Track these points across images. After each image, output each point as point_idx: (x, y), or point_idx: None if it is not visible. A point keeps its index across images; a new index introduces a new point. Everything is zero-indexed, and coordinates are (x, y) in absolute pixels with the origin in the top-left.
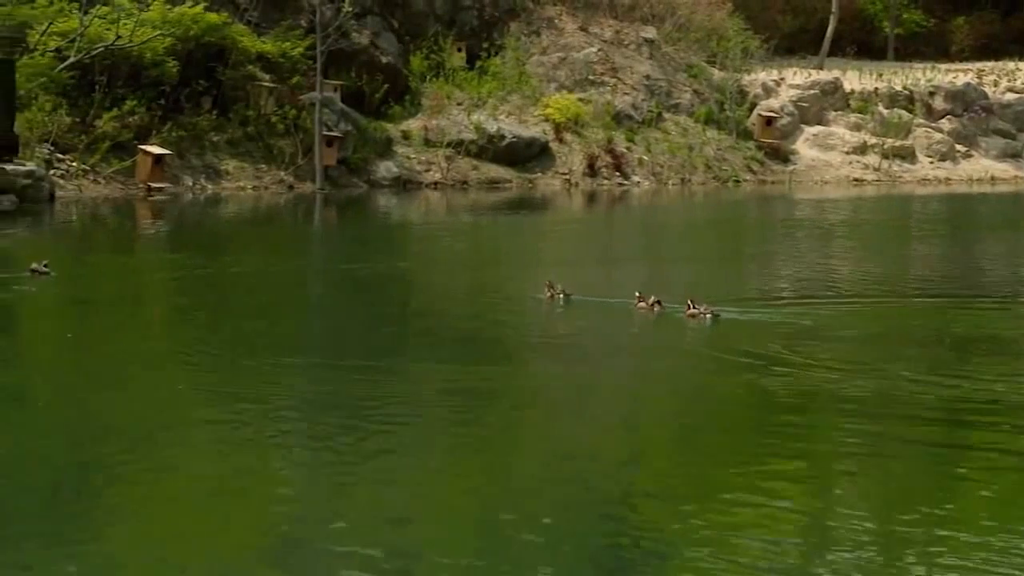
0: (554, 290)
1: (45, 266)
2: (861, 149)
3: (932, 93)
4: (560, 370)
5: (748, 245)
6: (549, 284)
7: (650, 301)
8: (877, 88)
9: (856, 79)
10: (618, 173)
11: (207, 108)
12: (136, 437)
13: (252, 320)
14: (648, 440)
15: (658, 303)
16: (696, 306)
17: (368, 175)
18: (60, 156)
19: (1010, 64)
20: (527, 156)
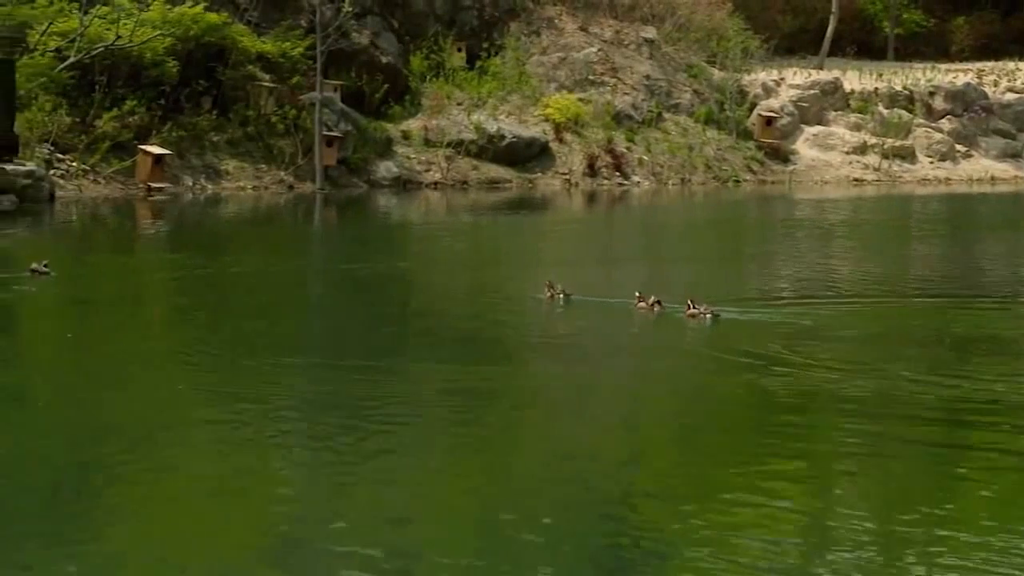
0: (554, 290)
1: (45, 266)
2: (861, 149)
3: (932, 93)
4: (560, 370)
5: (748, 245)
6: (549, 284)
7: (650, 301)
8: (877, 88)
9: (856, 79)
10: (618, 173)
11: (207, 108)
12: (136, 437)
13: (252, 320)
14: (648, 440)
15: (658, 303)
16: (696, 306)
17: (368, 175)
18: (60, 156)
19: (1010, 64)
20: (527, 156)
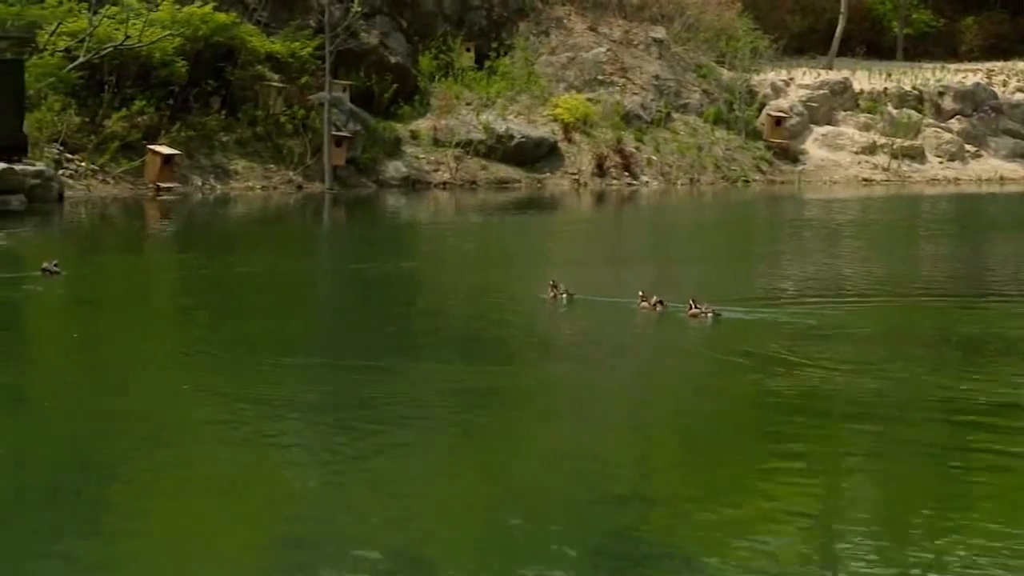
0: (557, 290)
1: (55, 266)
2: (870, 149)
3: (941, 93)
4: (560, 370)
5: (755, 245)
6: (553, 284)
7: (652, 301)
8: (886, 88)
9: (865, 79)
10: (627, 173)
11: (216, 108)
12: (140, 437)
13: (259, 320)
14: (649, 440)
15: (660, 303)
16: (698, 306)
17: (377, 175)
18: (69, 156)
19: (1020, 64)
20: (536, 156)
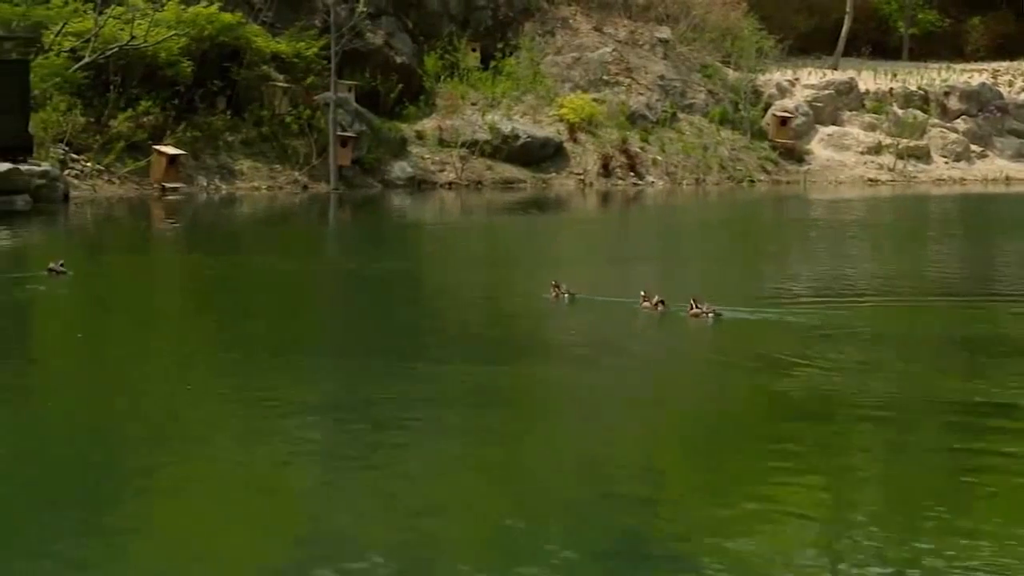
0: (559, 290)
1: (62, 265)
2: (876, 149)
3: (947, 93)
4: (560, 370)
5: (760, 245)
6: (555, 284)
7: (654, 301)
8: (892, 88)
9: (871, 79)
10: (632, 173)
11: (221, 108)
12: (141, 437)
13: (264, 320)
14: (650, 440)
15: (662, 303)
16: (698, 305)
17: (382, 175)
18: (75, 156)
19: None
20: (541, 156)
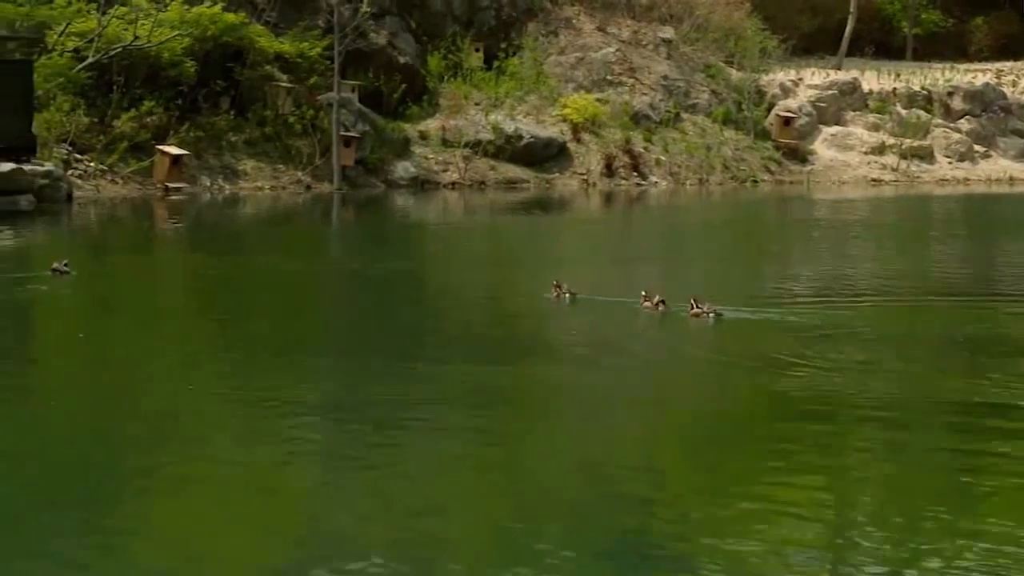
0: (560, 290)
1: (65, 265)
2: (879, 149)
3: (950, 93)
4: (560, 371)
5: (762, 245)
6: (556, 284)
7: (655, 300)
8: (895, 88)
9: (874, 79)
10: (636, 173)
11: (225, 108)
12: (143, 437)
13: (267, 320)
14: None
15: (662, 302)
16: (699, 305)
17: (386, 175)
18: (78, 156)
19: None
20: (545, 156)
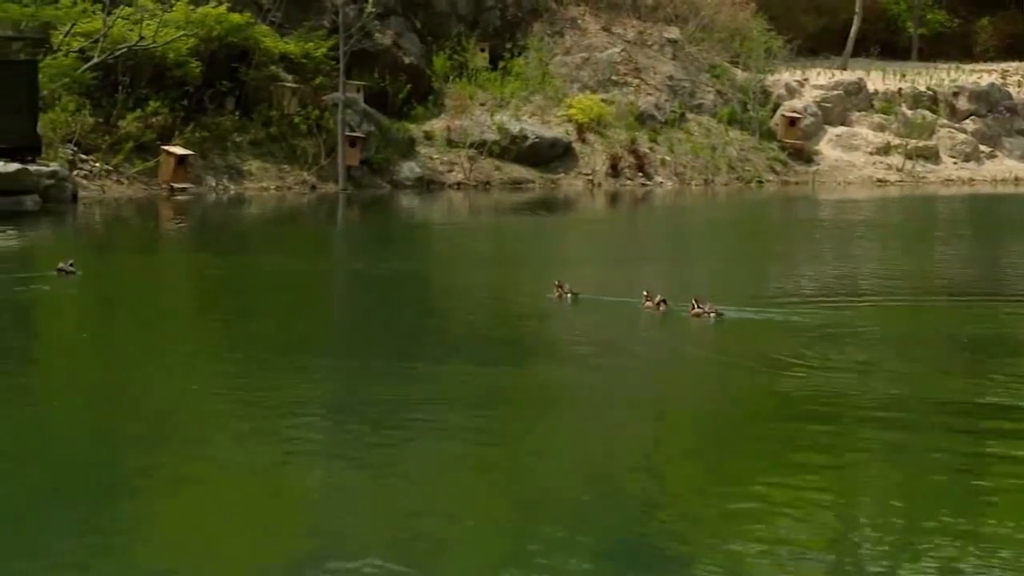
0: (562, 290)
1: (71, 265)
2: (885, 150)
3: (956, 93)
4: (560, 371)
5: (767, 246)
6: (558, 284)
7: (656, 300)
8: (901, 88)
9: (880, 79)
10: (641, 174)
11: (230, 109)
12: (146, 437)
13: (272, 320)
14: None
15: (664, 302)
16: (700, 305)
17: (391, 175)
18: (83, 156)
19: None
20: (550, 156)
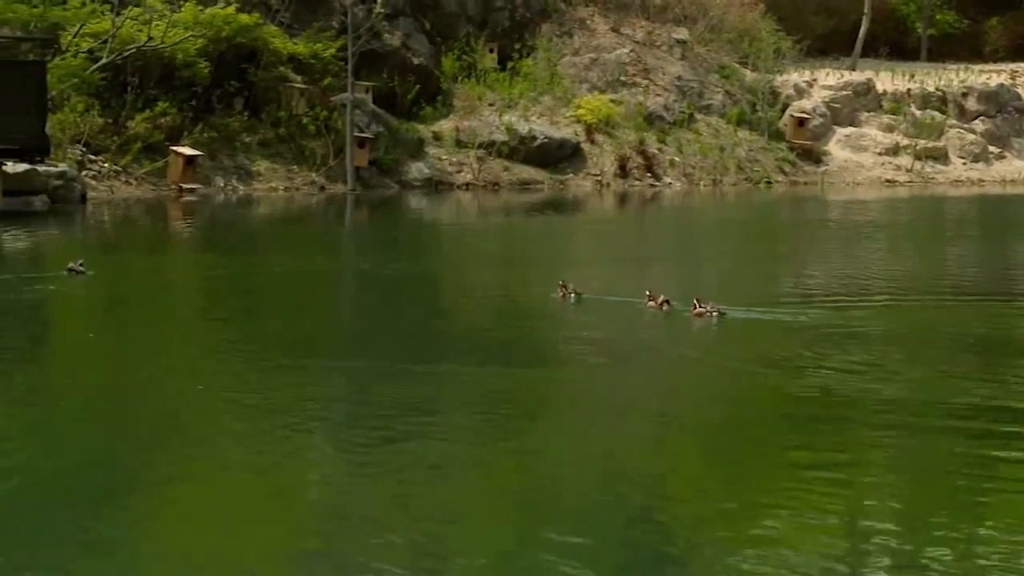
0: (566, 290)
1: (81, 265)
2: (893, 150)
3: (965, 94)
4: (562, 371)
5: (774, 246)
6: (562, 284)
7: (659, 300)
8: (910, 89)
9: (889, 80)
10: (649, 174)
11: (239, 109)
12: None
13: (280, 320)
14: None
15: (667, 302)
16: (702, 305)
17: (399, 176)
18: (92, 157)
19: None
20: (558, 157)
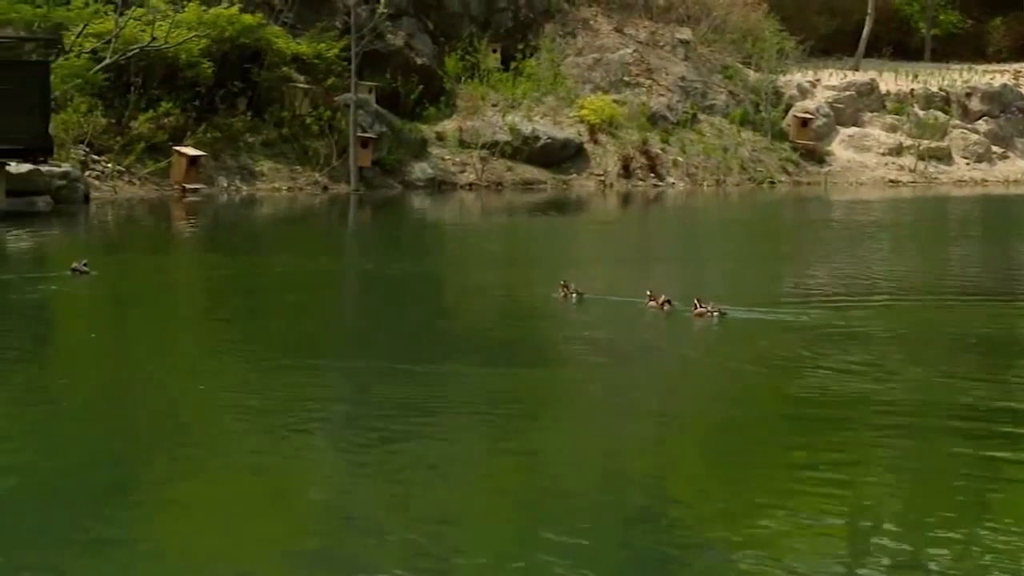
0: (568, 290)
1: (85, 265)
2: (897, 150)
3: (968, 94)
4: (563, 372)
5: (777, 246)
6: (564, 284)
7: (660, 300)
8: (913, 89)
9: (892, 80)
10: (653, 174)
11: (242, 109)
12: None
13: (283, 321)
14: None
15: (668, 302)
16: (703, 305)
17: (403, 176)
18: (95, 157)
19: None
20: (562, 157)
